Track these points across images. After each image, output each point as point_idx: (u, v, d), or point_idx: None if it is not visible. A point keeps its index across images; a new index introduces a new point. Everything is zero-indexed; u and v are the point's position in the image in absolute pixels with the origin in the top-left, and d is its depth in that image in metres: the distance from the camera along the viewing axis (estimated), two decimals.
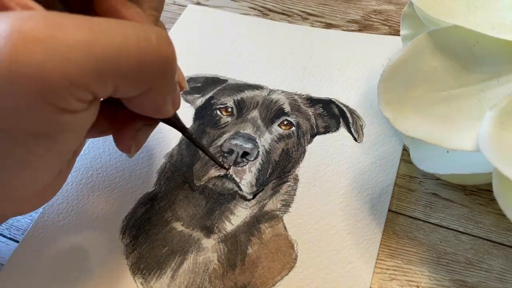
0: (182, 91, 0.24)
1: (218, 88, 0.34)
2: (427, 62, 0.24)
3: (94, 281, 0.26)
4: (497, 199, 0.20)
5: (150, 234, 0.27)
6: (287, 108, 0.32)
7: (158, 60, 0.18)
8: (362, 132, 0.30)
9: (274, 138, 0.30)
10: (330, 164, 0.29)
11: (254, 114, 0.31)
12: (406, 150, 0.29)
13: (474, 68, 0.23)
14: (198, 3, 0.40)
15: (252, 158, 0.29)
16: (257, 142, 0.29)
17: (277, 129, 0.30)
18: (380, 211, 0.26)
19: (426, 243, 0.25)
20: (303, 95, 0.32)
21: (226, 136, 0.30)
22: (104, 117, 0.23)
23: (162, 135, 0.31)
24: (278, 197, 0.28)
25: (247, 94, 0.33)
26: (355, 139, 0.30)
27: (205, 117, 0.32)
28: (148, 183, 0.29)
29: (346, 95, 0.32)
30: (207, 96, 0.33)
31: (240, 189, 0.28)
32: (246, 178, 0.28)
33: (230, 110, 0.32)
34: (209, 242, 0.26)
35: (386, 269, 0.25)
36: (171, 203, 0.28)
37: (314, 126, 0.31)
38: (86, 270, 0.26)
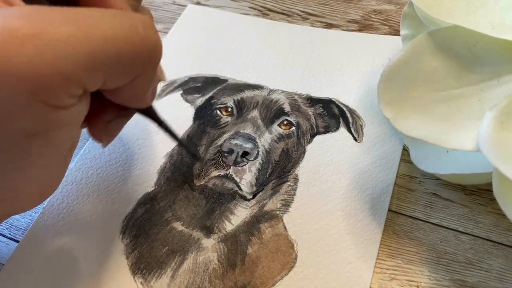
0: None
1: (218, 88, 0.34)
2: (427, 62, 0.24)
3: (94, 281, 0.26)
4: (497, 199, 0.20)
5: (150, 234, 0.27)
6: (287, 108, 0.32)
7: (146, 48, 0.18)
8: (362, 132, 0.30)
9: (274, 138, 0.30)
10: (330, 164, 0.29)
11: (254, 114, 0.31)
12: (406, 150, 0.29)
13: (474, 68, 0.23)
14: (198, 3, 0.40)
15: (252, 158, 0.29)
16: (257, 142, 0.29)
17: (277, 129, 0.30)
18: (380, 211, 0.26)
19: (426, 243, 0.25)
20: (303, 95, 0.32)
21: (226, 136, 0.30)
22: None
23: (163, 135, 0.31)
24: (278, 197, 0.28)
25: (247, 94, 0.33)
26: (355, 139, 0.30)
27: (205, 117, 0.32)
28: (148, 183, 0.29)
29: (346, 95, 0.32)
30: (207, 96, 0.33)
31: (240, 189, 0.28)
32: (246, 178, 0.28)
33: (230, 110, 0.32)
34: (209, 242, 0.26)
35: (386, 269, 0.25)
36: (171, 203, 0.28)
37: (314, 126, 0.31)
38: (86, 270, 0.26)
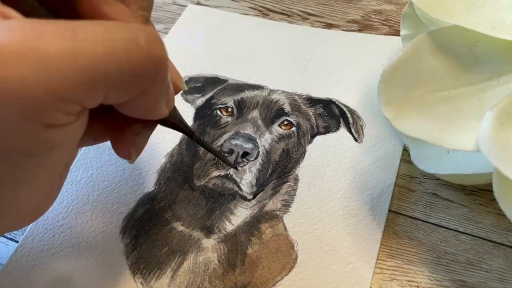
0: (181, 92, 0.24)
1: (218, 88, 0.34)
2: (427, 62, 0.24)
3: (94, 280, 0.26)
4: (497, 199, 0.20)
5: (150, 234, 0.27)
6: (287, 108, 0.32)
7: (149, 62, 0.17)
8: (362, 132, 0.30)
9: (274, 138, 0.30)
10: (330, 164, 0.29)
11: (254, 114, 0.31)
12: (406, 150, 0.29)
13: (474, 68, 0.23)
14: (198, 3, 0.40)
15: (252, 158, 0.29)
16: (257, 142, 0.29)
17: (277, 129, 0.30)
18: (380, 211, 0.26)
19: (426, 243, 0.25)
20: (303, 95, 0.32)
21: (226, 136, 0.30)
22: (98, 122, 0.21)
23: (162, 135, 0.31)
24: (278, 197, 0.28)
25: (247, 94, 0.33)
26: (355, 139, 0.30)
27: (205, 117, 0.32)
28: (148, 183, 0.29)
29: (346, 95, 0.32)
30: (207, 96, 0.33)
31: (240, 189, 0.28)
32: (246, 178, 0.28)
33: (230, 110, 0.32)
34: (209, 242, 0.26)
35: (386, 269, 0.25)
36: (171, 203, 0.28)
37: (315, 126, 0.31)
38: (86, 270, 0.26)
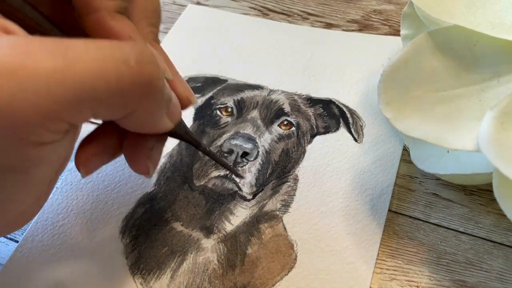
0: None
1: (218, 88, 0.33)
2: (427, 62, 0.24)
3: (93, 281, 0.26)
4: (497, 199, 0.20)
5: (150, 234, 0.27)
6: (287, 108, 0.31)
7: (139, 83, 0.16)
8: (362, 132, 0.30)
9: (274, 138, 0.30)
10: (330, 164, 0.29)
11: (254, 114, 0.31)
12: (406, 150, 0.29)
13: (474, 68, 0.23)
14: (198, 3, 0.40)
15: (252, 158, 0.29)
16: (257, 142, 0.29)
17: (277, 129, 0.30)
18: (380, 211, 0.26)
19: (426, 243, 0.25)
20: (303, 95, 0.32)
21: (226, 136, 0.30)
22: (113, 138, 0.21)
23: None
24: (278, 197, 0.28)
25: (247, 94, 0.32)
26: (355, 140, 0.30)
27: (205, 117, 0.32)
28: (147, 183, 0.29)
29: (346, 95, 0.32)
30: (207, 96, 0.33)
31: (240, 189, 0.28)
32: (246, 178, 0.28)
33: (230, 110, 0.32)
34: (208, 242, 0.26)
35: (386, 269, 0.25)
36: (171, 203, 0.28)
37: (314, 126, 0.31)
38: (86, 270, 0.26)
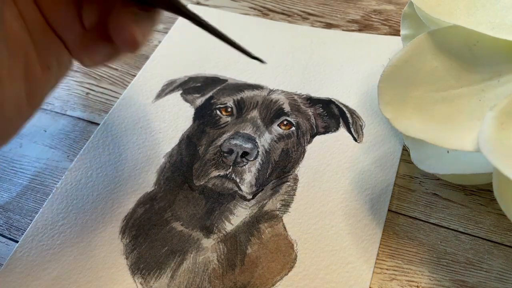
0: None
1: (218, 88, 0.33)
2: (427, 62, 0.24)
3: (93, 281, 0.26)
4: (497, 199, 0.20)
5: (150, 234, 0.27)
6: (287, 108, 0.31)
7: None
8: (362, 132, 0.30)
9: (274, 138, 0.30)
10: (330, 164, 0.29)
11: (254, 114, 0.31)
12: (406, 150, 0.29)
13: (474, 68, 0.23)
14: (198, 3, 0.40)
15: (251, 158, 0.29)
16: (256, 142, 0.29)
17: (276, 129, 0.30)
18: (380, 211, 0.26)
19: (426, 243, 0.25)
20: (303, 95, 0.32)
21: (225, 136, 0.30)
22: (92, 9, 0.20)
23: (162, 135, 0.31)
24: (278, 197, 0.28)
25: (247, 94, 0.32)
26: (355, 139, 0.30)
27: (204, 116, 0.32)
28: (147, 183, 0.29)
29: (346, 95, 0.32)
30: (207, 95, 0.33)
31: (239, 189, 0.28)
32: (246, 178, 0.28)
33: (230, 110, 0.32)
34: (208, 242, 0.26)
35: (386, 269, 0.25)
36: (171, 203, 0.28)
37: (314, 126, 0.31)
38: (86, 270, 0.26)
